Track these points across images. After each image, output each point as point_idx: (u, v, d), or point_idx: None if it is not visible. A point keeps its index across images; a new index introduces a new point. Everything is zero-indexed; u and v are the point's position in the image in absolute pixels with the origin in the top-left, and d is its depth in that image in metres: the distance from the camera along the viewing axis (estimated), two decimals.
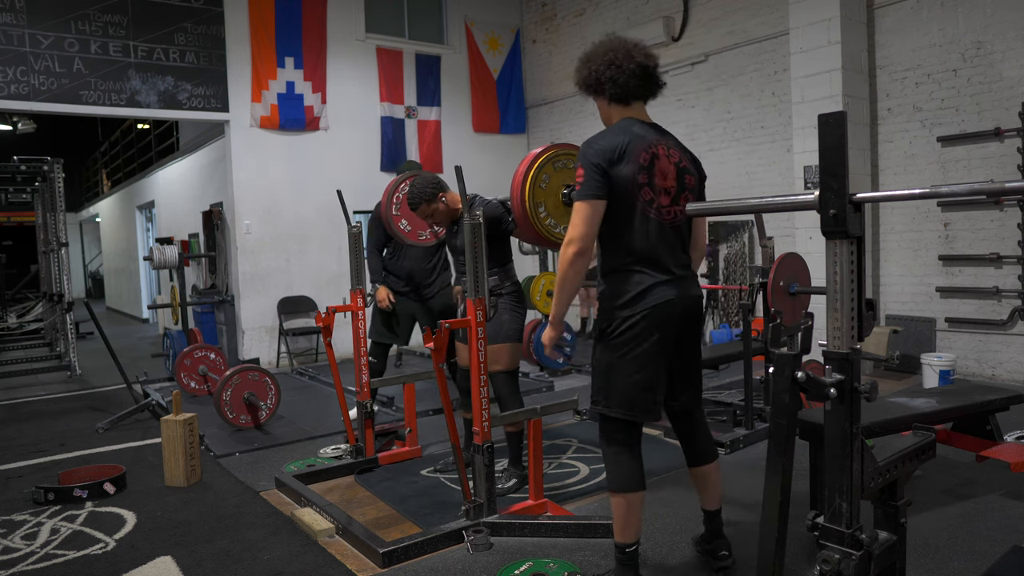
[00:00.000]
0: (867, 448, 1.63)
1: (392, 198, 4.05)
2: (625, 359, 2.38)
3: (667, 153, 2.42)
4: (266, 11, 7.74)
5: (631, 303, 2.36)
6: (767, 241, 4.48)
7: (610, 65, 2.39)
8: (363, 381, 4.05)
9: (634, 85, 2.42)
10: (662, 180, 2.38)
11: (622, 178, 2.32)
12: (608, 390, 2.43)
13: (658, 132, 2.47)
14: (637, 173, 2.32)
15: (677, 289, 2.39)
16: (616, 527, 2.47)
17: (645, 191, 2.34)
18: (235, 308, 7.94)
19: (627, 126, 2.41)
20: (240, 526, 3.35)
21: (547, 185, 2.81)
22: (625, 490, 2.42)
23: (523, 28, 9.84)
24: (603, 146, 2.34)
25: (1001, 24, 5.44)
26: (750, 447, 4.18)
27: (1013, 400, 3.21)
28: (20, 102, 6.58)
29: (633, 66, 2.39)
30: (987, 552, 2.71)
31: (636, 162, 2.32)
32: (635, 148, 2.34)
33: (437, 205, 3.63)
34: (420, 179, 3.68)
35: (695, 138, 7.72)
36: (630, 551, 2.46)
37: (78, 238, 20.82)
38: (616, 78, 2.40)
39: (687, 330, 2.49)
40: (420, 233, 4.14)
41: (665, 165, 2.39)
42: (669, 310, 2.37)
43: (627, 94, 2.44)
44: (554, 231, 2.83)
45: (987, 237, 5.64)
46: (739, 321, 6.68)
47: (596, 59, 2.43)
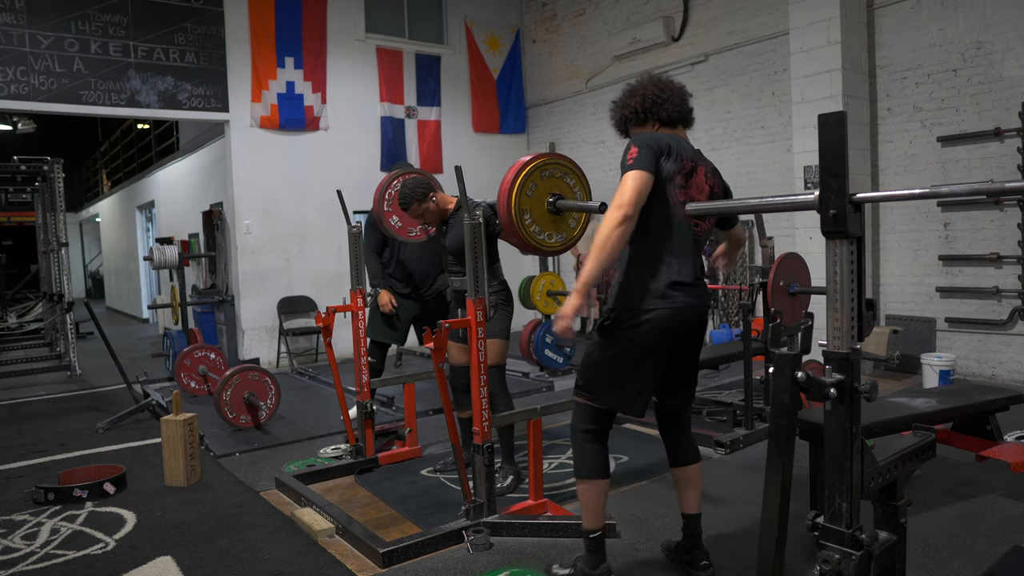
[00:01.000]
0: (867, 448, 1.63)
1: (384, 194, 4.08)
2: (626, 354, 2.41)
3: (705, 173, 2.51)
4: (266, 11, 7.74)
5: (646, 298, 2.39)
6: (767, 241, 4.48)
7: (662, 90, 2.53)
8: (363, 381, 4.05)
9: (685, 109, 2.56)
10: (697, 193, 2.46)
11: (666, 171, 2.38)
12: (600, 381, 2.46)
13: (698, 153, 2.55)
14: (677, 174, 2.40)
15: (692, 295, 2.45)
16: (584, 514, 2.55)
17: (680, 193, 2.41)
18: (235, 308, 7.94)
19: (672, 136, 2.49)
20: (240, 526, 3.35)
21: (533, 193, 2.84)
22: (594, 477, 2.50)
23: (523, 28, 9.84)
24: (654, 140, 2.41)
25: (1001, 24, 5.44)
26: (750, 447, 4.17)
27: (1013, 400, 3.21)
28: (20, 102, 6.58)
29: (677, 88, 2.55)
30: (987, 552, 2.71)
31: (679, 163, 2.41)
32: (680, 154, 2.43)
33: (428, 205, 3.67)
34: (411, 179, 3.73)
35: (695, 138, 7.66)
36: (597, 536, 2.54)
37: (78, 238, 20.82)
38: (671, 99, 2.52)
39: (691, 336, 2.53)
40: (410, 229, 4.18)
41: (701, 181, 2.49)
42: (680, 315, 2.42)
43: (679, 117, 2.55)
44: (538, 238, 2.86)
45: (987, 237, 5.64)
46: (739, 321, 6.68)
47: (641, 90, 2.55)
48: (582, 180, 2.98)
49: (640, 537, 3.01)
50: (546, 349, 6.48)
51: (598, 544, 2.54)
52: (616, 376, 2.43)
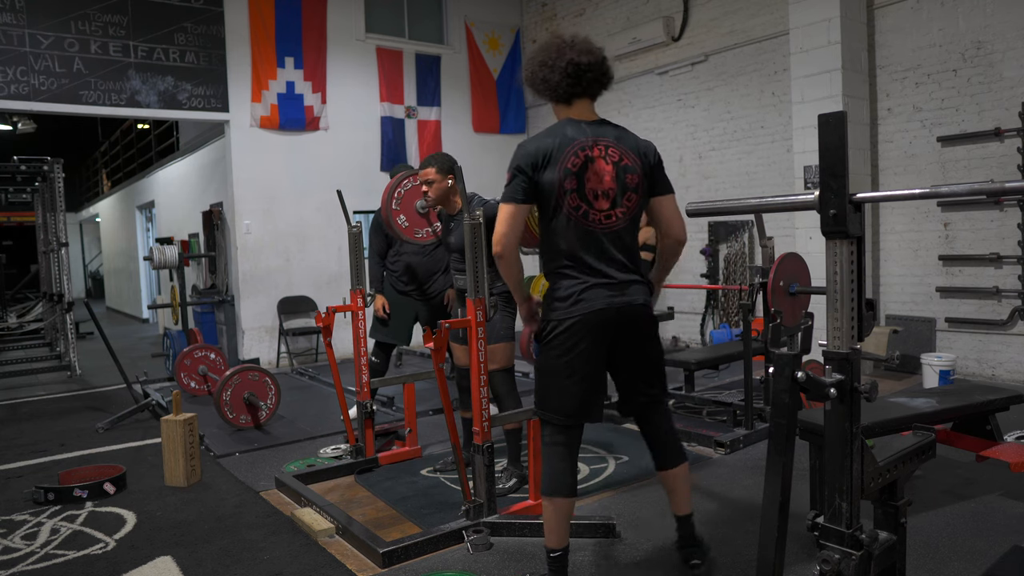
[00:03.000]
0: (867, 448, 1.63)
1: (393, 193, 4.07)
2: (558, 363, 2.36)
3: (604, 154, 2.33)
4: (266, 11, 7.74)
5: (563, 308, 2.34)
6: (767, 241, 4.47)
7: (542, 65, 2.35)
8: (363, 381, 4.05)
9: (567, 84, 2.34)
10: (597, 183, 2.31)
11: (547, 183, 2.30)
12: (543, 393, 2.42)
13: (597, 131, 2.36)
14: (564, 179, 2.28)
15: (613, 294, 2.34)
16: (545, 531, 2.44)
17: (572, 198, 2.30)
18: (235, 308, 7.94)
19: (560, 128, 2.36)
20: (240, 526, 3.35)
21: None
22: (552, 494, 2.39)
23: (523, 28, 9.84)
24: (530, 150, 2.33)
25: (1001, 24, 5.44)
26: (750, 447, 4.17)
27: (1013, 400, 3.21)
28: (20, 102, 6.58)
29: (563, 63, 2.32)
30: (987, 552, 2.71)
31: (564, 167, 2.28)
32: (564, 153, 2.29)
33: (445, 181, 3.58)
34: (443, 153, 3.69)
35: (695, 138, 7.73)
36: (555, 556, 2.42)
37: (78, 238, 20.82)
38: (549, 78, 2.35)
39: (627, 336, 2.41)
40: (417, 231, 4.15)
41: (601, 167, 2.32)
42: (599, 317, 2.32)
43: (565, 94, 2.38)
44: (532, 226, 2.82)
45: (987, 237, 5.64)
46: (739, 321, 6.68)
47: (534, 59, 2.39)
48: None
49: (640, 537, 3.01)
50: None
51: (560, 564, 2.43)
52: (556, 386, 2.37)
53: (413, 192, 4.12)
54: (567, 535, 2.44)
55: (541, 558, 2.84)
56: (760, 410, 4.42)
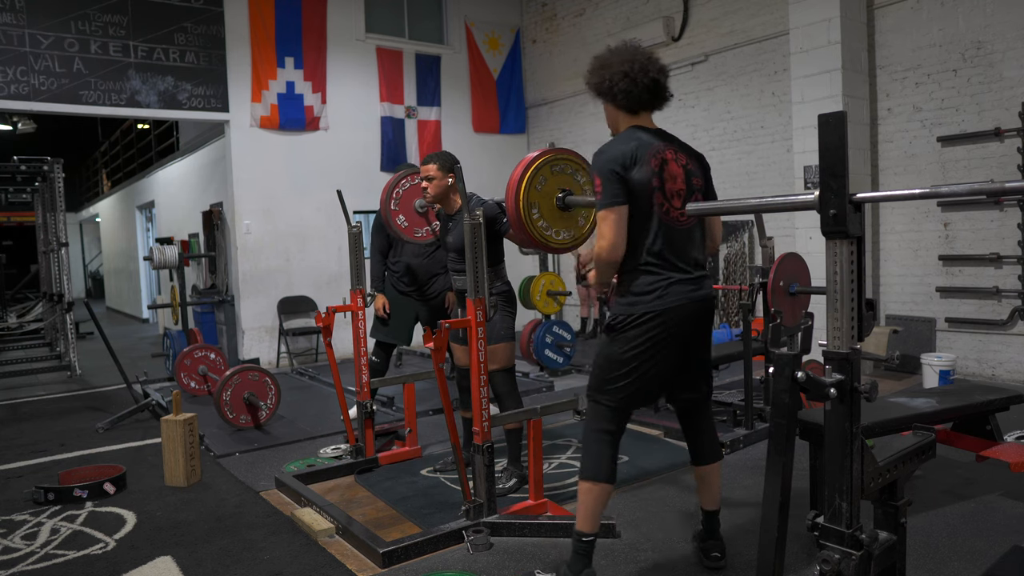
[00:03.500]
0: (867, 448, 1.63)
1: (392, 193, 4.08)
2: (629, 354, 2.42)
3: (675, 157, 2.46)
4: (266, 11, 7.74)
5: (644, 301, 2.40)
6: (767, 241, 4.47)
7: (625, 76, 2.42)
8: (363, 381, 4.05)
9: (646, 99, 2.47)
10: (672, 184, 2.43)
11: (637, 182, 2.37)
12: (603, 380, 2.47)
13: (663, 137, 2.50)
14: (651, 178, 2.38)
15: (691, 288, 2.44)
16: (580, 515, 2.50)
17: (658, 195, 2.40)
18: (235, 308, 7.94)
19: (633, 134, 2.46)
20: (240, 526, 3.35)
21: (543, 187, 2.81)
22: (598, 479, 2.45)
23: (523, 28, 9.84)
24: (615, 153, 2.39)
25: (1001, 24, 5.44)
26: (750, 447, 4.17)
27: (1013, 400, 3.21)
28: (20, 102, 6.58)
29: (647, 80, 2.43)
30: (987, 552, 2.71)
31: (648, 166, 2.38)
32: (645, 154, 2.39)
33: (446, 179, 3.58)
34: (446, 152, 3.70)
35: (695, 138, 7.72)
36: (588, 540, 2.49)
37: (78, 238, 20.82)
38: (630, 90, 2.44)
39: (698, 330, 2.52)
40: (416, 230, 4.17)
41: (674, 169, 2.45)
42: (680, 312, 2.42)
43: (638, 106, 2.49)
44: (546, 233, 2.83)
45: (987, 237, 5.64)
46: (739, 321, 6.68)
47: (612, 67, 2.45)
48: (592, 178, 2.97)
49: (640, 538, 3.01)
50: (546, 349, 6.48)
51: (588, 548, 2.50)
52: (623, 375, 2.44)
53: (412, 191, 4.13)
54: (599, 519, 2.51)
55: (541, 558, 2.85)
56: (760, 410, 4.42)
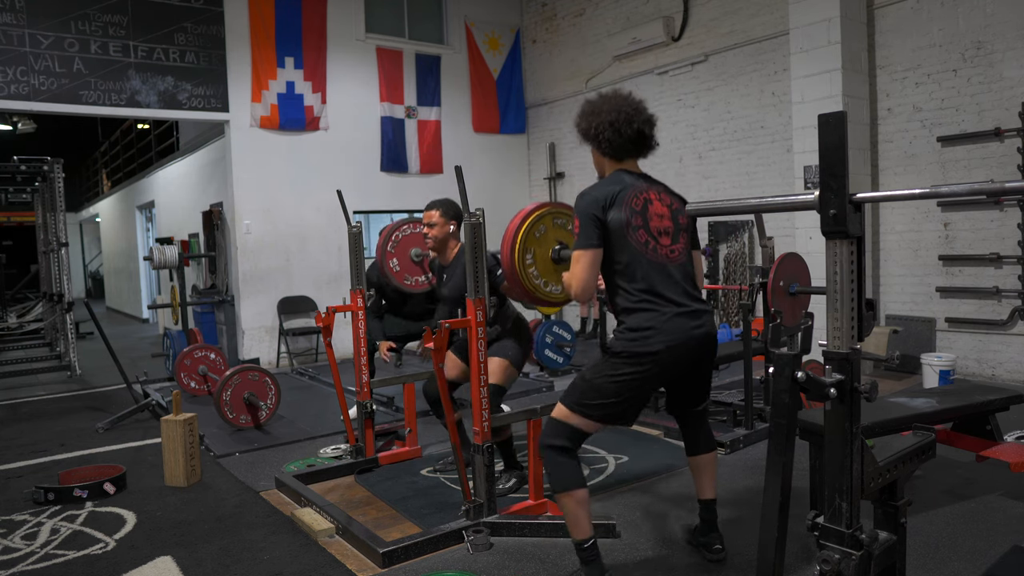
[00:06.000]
0: (867, 448, 1.63)
1: (391, 236, 4.20)
2: (622, 384, 2.44)
3: (659, 197, 2.54)
4: (266, 11, 7.73)
5: (645, 339, 2.41)
6: (767, 241, 4.47)
7: (610, 126, 2.49)
8: (363, 381, 4.05)
9: (630, 148, 2.54)
10: (658, 222, 2.49)
11: (615, 222, 2.42)
12: (589, 398, 2.48)
13: (647, 180, 2.57)
14: (631, 217, 2.44)
15: (693, 324, 2.46)
16: (570, 526, 2.53)
17: (640, 233, 2.44)
18: (235, 308, 7.94)
19: (617, 176, 2.53)
20: (240, 526, 3.35)
21: (542, 236, 2.85)
22: (571, 488, 2.48)
23: (523, 28, 9.84)
24: (596, 195, 2.45)
25: (1001, 24, 5.44)
26: (750, 447, 4.17)
27: (1013, 400, 3.21)
28: (20, 102, 6.58)
29: (632, 131, 2.50)
30: (987, 552, 2.71)
31: (629, 207, 2.44)
32: (627, 195, 2.46)
33: (448, 225, 3.64)
34: (449, 199, 3.73)
35: (695, 138, 7.72)
36: (588, 546, 2.51)
37: (78, 238, 20.81)
38: (613, 140, 2.51)
39: (698, 366, 2.58)
40: (407, 276, 4.26)
41: (659, 208, 2.52)
42: (681, 349, 2.44)
43: (623, 154, 2.55)
44: (535, 282, 2.84)
45: (987, 237, 5.64)
46: (739, 321, 6.68)
47: (600, 115, 2.52)
48: None
49: (639, 537, 3.01)
50: (546, 349, 6.48)
51: (593, 552, 2.52)
52: (608, 402, 2.46)
53: (411, 239, 4.23)
54: (591, 522, 2.53)
55: (541, 558, 2.85)
56: (760, 410, 4.42)
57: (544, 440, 2.53)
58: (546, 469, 2.55)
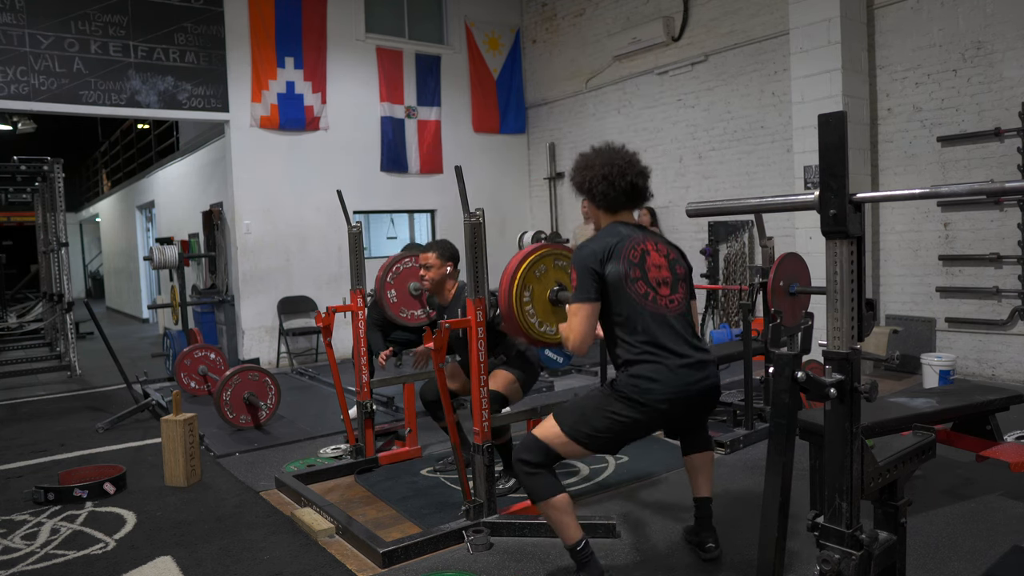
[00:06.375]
0: (867, 448, 1.63)
1: (392, 266, 4.24)
2: (620, 422, 2.44)
3: (656, 247, 2.55)
4: (266, 11, 7.74)
5: (649, 389, 2.41)
6: (767, 241, 4.47)
7: (604, 179, 2.52)
8: (363, 381, 4.05)
9: (623, 201, 2.56)
10: (657, 272, 2.51)
11: (613, 274, 2.43)
12: (582, 427, 2.47)
13: (644, 231, 2.60)
14: (629, 269, 2.45)
15: (698, 377, 2.46)
16: (559, 533, 2.55)
17: (639, 285, 2.45)
18: (235, 308, 7.94)
19: (614, 229, 2.55)
20: (240, 526, 3.35)
21: (542, 275, 2.87)
22: (552, 496, 2.50)
23: (523, 28, 9.84)
24: (593, 249, 2.47)
25: (1001, 24, 5.44)
26: (750, 447, 4.17)
27: (1013, 400, 3.21)
28: (20, 102, 6.58)
29: (625, 184, 2.51)
30: (987, 552, 2.71)
31: (627, 259, 2.46)
32: (625, 247, 2.47)
33: (444, 267, 3.66)
34: (447, 241, 3.77)
35: (696, 138, 7.72)
36: (581, 548, 2.52)
37: (78, 238, 20.81)
38: (608, 193, 2.53)
39: (699, 412, 2.59)
40: (403, 309, 4.30)
41: (657, 258, 2.53)
42: (684, 401, 2.44)
43: (617, 207, 2.58)
44: (530, 319, 2.85)
45: (987, 237, 5.64)
46: (739, 321, 6.68)
47: (593, 169, 2.55)
48: None
49: (639, 537, 3.01)
50: (546, 349, 6.46)
51: (587, 553, 2.52)
52: (604, 436, 2.48)
53: (411, 272, 4.26)
54: (578, 524, 2.54)
55: (541, 558, 2.85)
56: (760, 410, 4.42)
57: (519, 454, 2.53)
58: (520, 482, 2.57)
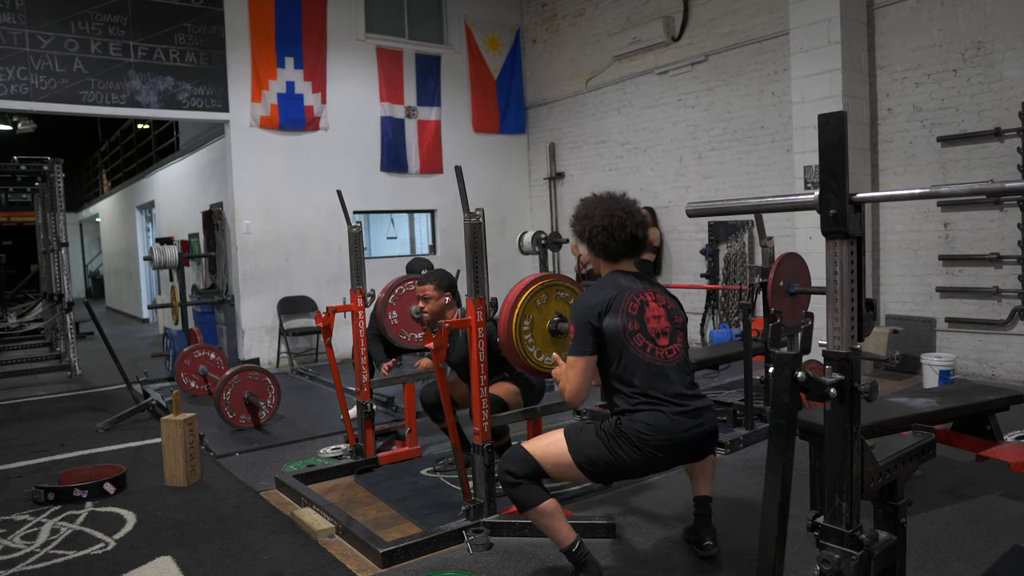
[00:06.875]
0: (867, 448, 1.63)
1: (395, 288, 4.25)
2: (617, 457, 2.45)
3: (654, 298, 2.58)
4: (266, 11, 7.74)
5: (648, 435, 2.42)
6: (767, 241, 4.47)
7: (603, 230, 2.56)
8: (363, 381, 4.05)
9: (622, 251, 2.60)
10: (656, 323, 2.53)
11: (611, 328, 2.45)
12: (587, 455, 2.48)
13: (643, 281, 2.63)
14: (628, 322, 2.48)
15: (694, 424, 2.48)
16: (552, 537, 2.58)
17: (638, 337, 2.47)
18: (235, 308, 7.94)
19: (613, 280, 2.58)
20: (240, 526, 3.35)
21: (543, 305, 2.90)
22: (538, 503, 2.53)
23: (523, 28, 9.84)
24: (592, 303, 2.49)
25: (1001, 24, 5.44)
26: (750, 447, 4.17)
27: (1013, 400, 3.21)
28: (20, 102, 6.58)
29: (625, 235, 2.56)
30: (987, 552, 2.71)
31: (626, 312, 2.49)
32: (623, 299, 2.50)
33: (443, 298, 3.67)
34: (443, 271, 3.79)
35: (696, 138, 7.72)
36: (577, 550, 2.54)
37: (78, 238, 20.81)
38: (607, 243, 2.58)
39: (697, 455, 2.61)
40: (403, 331, 4.30)
41: (656, 309, 2.56)
42: (681, 447, 2.47)
43: (616, 256, 2.62)
44: (528, 348, 2.88)
45: (987, 237, 5.64)
46: (739, 321, 6.68)
47: (594, 219, 2.58)
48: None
49: (639, 537, 3.01)
50: None
51: (583, 554, 2.54)
52: (605, 470, 2.50)
53: (412, 295, 4.26)
54: (569, 526, 2.57)
55: (541, 558, 2.85)
56: (760, 410, 4.42)
57: (505, 465, 2.55)
58: (505, 491, 2.59)
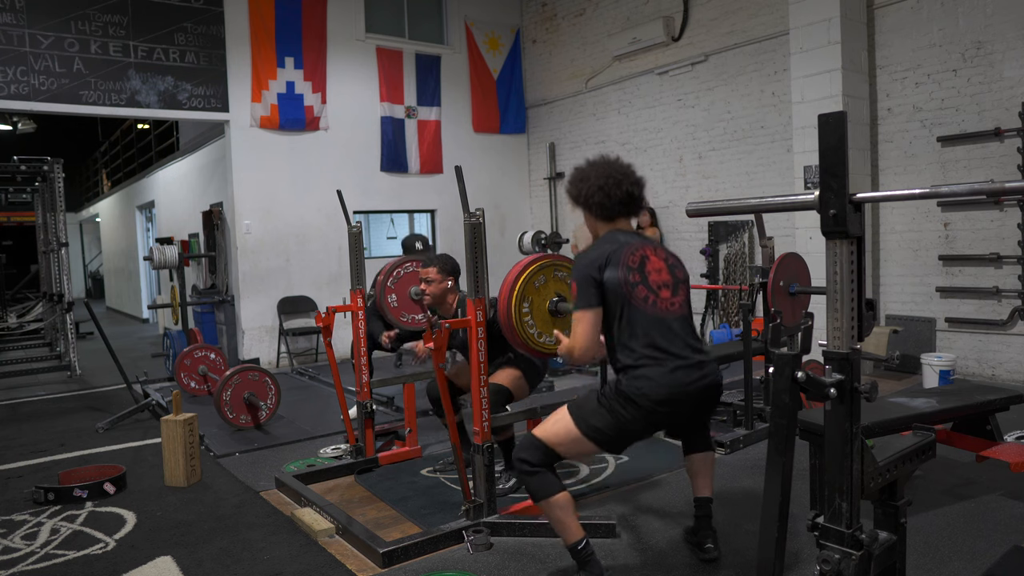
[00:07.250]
0: (867, 448, 1.63)
1: (394, 270, 4.22)
2: (619, 420, 2.45)
3: (655, 252, 2.59)
4: (266, 11, 7.74)
5: (650, 389, 2.42)
6: (767, 241, 4.47)
7: (599, 190, 2.57)
8: (363, 381, 4.05)
9: (619, 210, 2.60)
10: (657, 276, 2.53)
11: (612, 280, 2.45)
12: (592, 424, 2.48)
13: (642, 238, 2.63)
14: (628, 274, 2.48)
15: (696, 376, 2.47)
16: (559, 532, 2.56)
17: (640, 289, 2.48)
18: (235, 308, 7.94)
19: (612, 236, 2.58)
20: (240, 526, 3.35)
21: (541, 286, 2.89)
22: (553, 494, 2.52)
23: (523, 28, 9.84)
24: (592, 257, 2.50)
25: (1001, 24, 5.44)
26: (750, 447, 4.17)
27: (1013, 400, 3.21)
28: (20, 102, 6.58)
29: (621, 194, 2.56)
30: (987, 552, 2.71)
31: (626, 265, 2.48)
32: (623, 253, 2.50)
33: (446, 282, 3.66)
34: (447, 255, 3.77)
35: (695, 138, 7.72)
36: (582, 548, 2.53)
37: (78, 238, 20.81)
38: (604, 203, 2.58)
39: (699, 411, 2.58)
40: (403, 314, 4.28)
41: (656, 262, 2.56)
42: (685, 399, 2.45)
43: (613, 215, 2.62)
44: (529, 330, 2.87)
45: (987, 237, 5.64)
46: (739, 321, 6.68)
47: (589, 181, 2.59)
48: None
49: (639, 537, 3.01)
50: None
51: (588, 553, 2.53)
52: (612, 436, 2.49)
53: (412, 276, 4.24)
54: (579, 523, 2.55)
55: (541, 558, 2.85)
56: (760, 410, 4.42)
57: (519, 454, 2.55)
58: (521, 481, 2.58)
